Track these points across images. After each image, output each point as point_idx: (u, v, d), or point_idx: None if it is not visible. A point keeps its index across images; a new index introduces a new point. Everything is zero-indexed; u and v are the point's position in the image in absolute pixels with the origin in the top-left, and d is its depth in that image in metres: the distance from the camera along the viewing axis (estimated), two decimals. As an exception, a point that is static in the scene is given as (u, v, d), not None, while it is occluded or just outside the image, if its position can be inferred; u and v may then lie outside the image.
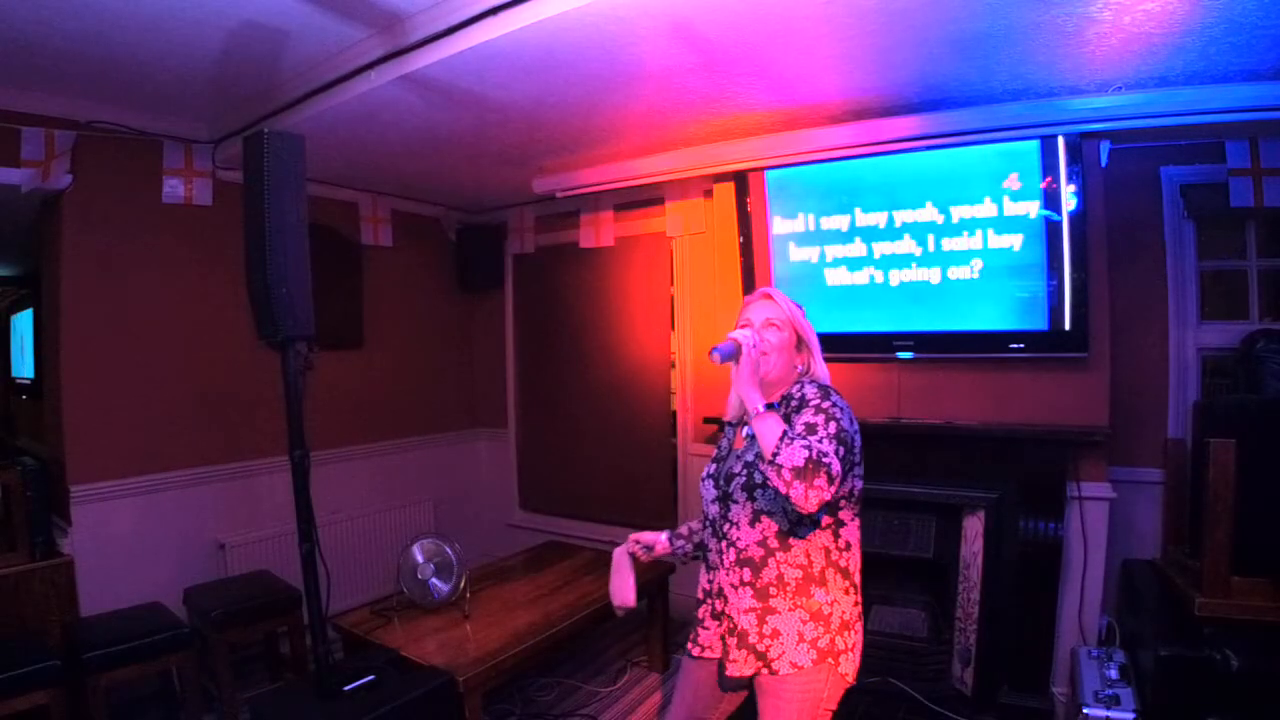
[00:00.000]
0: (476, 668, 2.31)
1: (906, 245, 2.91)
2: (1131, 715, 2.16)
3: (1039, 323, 2.71)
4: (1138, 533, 2.85)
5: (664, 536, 1.87)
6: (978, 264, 2.79)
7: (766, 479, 1.50)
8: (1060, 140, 2.59)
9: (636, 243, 4.03)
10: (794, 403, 1.61)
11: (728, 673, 1.59)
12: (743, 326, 1.68)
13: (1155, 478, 2.84)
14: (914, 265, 2.91)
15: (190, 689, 2.66)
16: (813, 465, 1.35)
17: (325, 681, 2.09)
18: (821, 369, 1.72)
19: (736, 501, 1.60)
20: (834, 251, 3.07)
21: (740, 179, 3.22)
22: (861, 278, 3.03)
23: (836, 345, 3.10)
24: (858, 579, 1.63)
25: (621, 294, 4.15)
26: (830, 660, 1.53)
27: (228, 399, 3.34)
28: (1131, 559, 2.82)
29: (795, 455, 1.36)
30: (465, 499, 4.63)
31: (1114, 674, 2.34)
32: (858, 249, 3.01)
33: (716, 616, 1.67)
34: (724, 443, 1.78)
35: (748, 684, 1.65)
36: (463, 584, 2.77)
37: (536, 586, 3.04)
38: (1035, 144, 2.64)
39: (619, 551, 1.88)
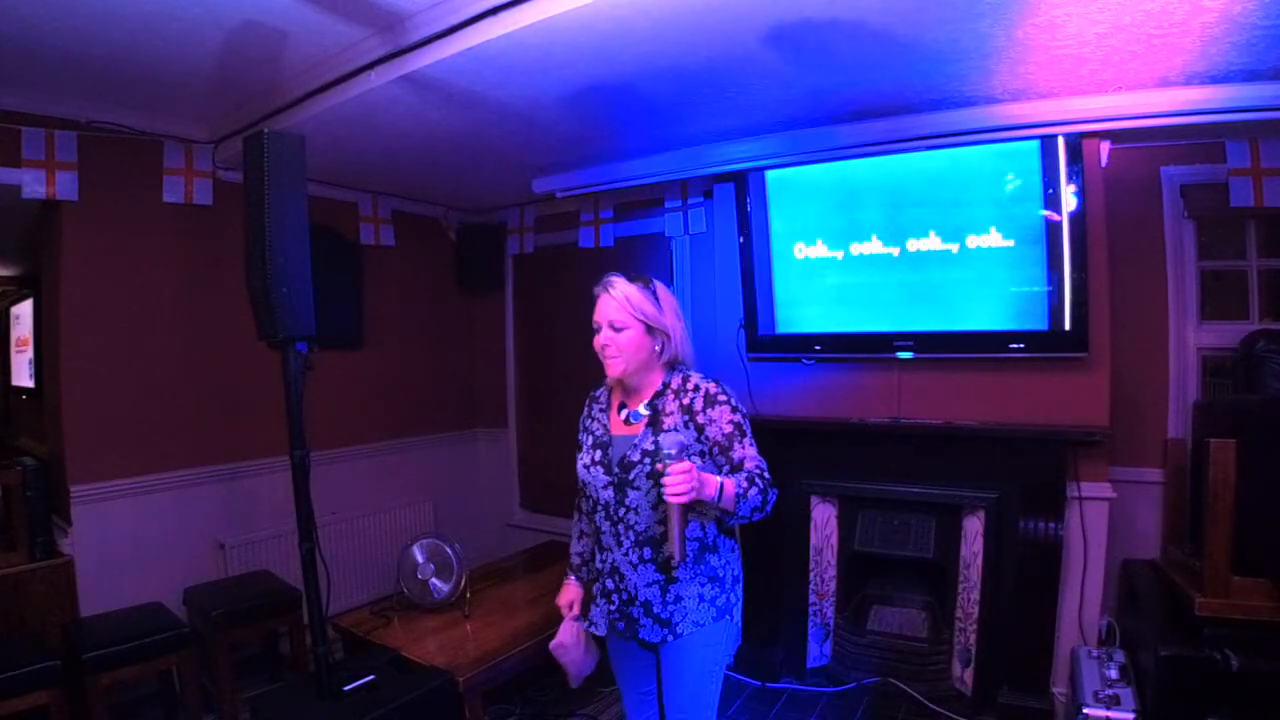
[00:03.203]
0: (476, 668, 2.31)
1: (907, 245, 2.91)
2: (1131, 715, 2.16)
3: (1039, 323, 2.71)
4: (1138, 533, 2.85)
5: (573, 581, 1.95)
6: (978, 264, 2.79)
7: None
8: (1060, 140, 2.58)
9: (636, 243, 4.03)
10: (689, 395, 1.66)
11: (643, 636, 1.68)
12: (596, 330, 1.69)
13: (1155, 478, 2.84)
14: (914, 265, 2.91)
15: (190, 689, 2.66)
16: (763, 497, 1.53)
17: (325, 681, 2.09)
18: (686, 346, 1.74)
19: (638, 489, 1.64)
20: (834, 251, 3.06)
21: (740, 179, 3.22)
22: (861, 278, 3.02)
23: (837, 345, 3.12)
24: (738, 536, 1.80)
25: (621, 294, 4.14)
26: (728, 616, 1.69)
27: (228, 399, 3.34)
28: (1131, 559, 2.82)
29: (752, 501, 1.51)
30: (465, 499, 4.62)
31: (1114, 674, 2.34)
32: (858, 249, 3.01)
33: (606, 594, 1.74)
34: (597, 427, 1.79)
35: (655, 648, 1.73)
36: (463, 584, 2.77)
37: (536, 586, 3.04)
38: (1035, 144, 2.63)
39: (571, 630, 1.88)
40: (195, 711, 2.67)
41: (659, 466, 1.45)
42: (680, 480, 1.43)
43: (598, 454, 1.74)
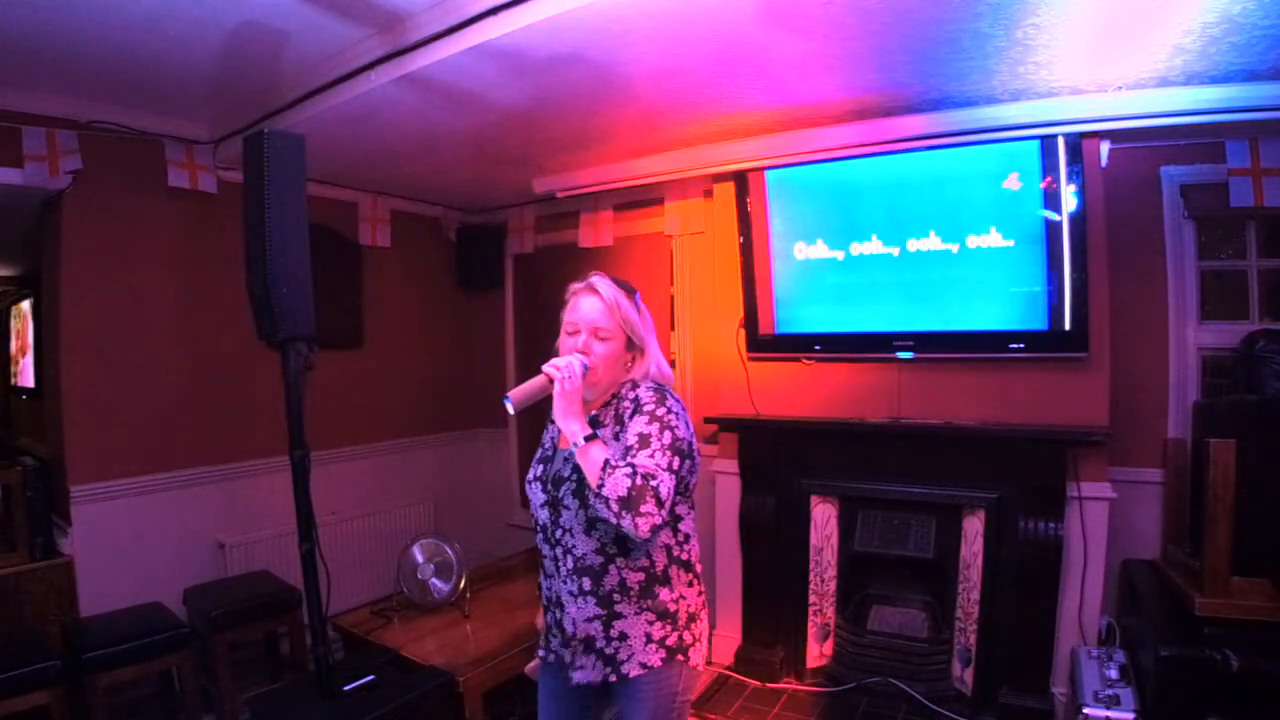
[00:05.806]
0: (476, 668, 2.31)
1: (907, 245, 2.91)
2: (1131, 715, 2.16)
3: (1039, 323, 2.71)
4: (1138, 533, 2.85)
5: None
6: (978, 264, 2.79)
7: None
8: (1060, 140, 2.58)
9: (636, 243, 4.03)
10: (626, 404, 1.53)
11: (575, 680, 1.52)
12: (570, 332, 1.58)
13: (1155, 478, 2.83)
14: (914, 265, 2.91)
15: (190, 689, 2.66)
16: (637, 492, 1.32)
17: (325, 681, 2.09)
18: (657, 364, 1.59)
19: (568, 508, 1.50)
20: (834, 251, 3.06)
21: (740, 179, 3.22)
22: (861, 278, 3.02)
23: (837, 345, 3.12)
24: (699, 568, 1.60)
25: (621, 294, 4.14)
26: (680, 656, 1.51)
27: (228, 399, 3.34)
28: (1131, 559, 2.82)
29: (618, 484, 1.32)
30: (465, 499, 4.62)
31: (1114, 674, 2.34)
32: (858, 249, 3.01)
33: (556, 625, 1.59)
34: (547, 439, 1.69)
35: (599, 691, 1.57)
36: (463, 584, 2.77)
37: (536, 586, 3.04)
38: (1035, 144, 2.63)
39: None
40: (195, 711, 2.67)
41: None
42: (563, 360, 1.45)
43: (540, 468, 1.61)
